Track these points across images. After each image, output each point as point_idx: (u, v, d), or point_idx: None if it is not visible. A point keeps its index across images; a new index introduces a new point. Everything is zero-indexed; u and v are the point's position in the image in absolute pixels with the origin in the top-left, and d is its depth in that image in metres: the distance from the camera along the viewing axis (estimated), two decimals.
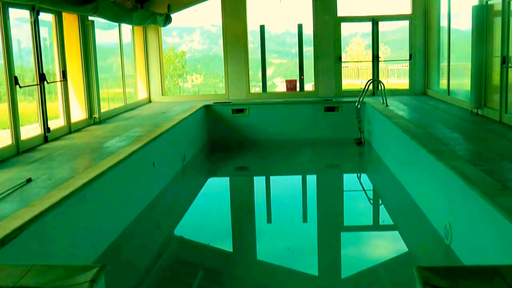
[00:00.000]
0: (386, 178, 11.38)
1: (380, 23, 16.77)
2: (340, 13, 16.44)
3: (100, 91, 12.60)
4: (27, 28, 9.82)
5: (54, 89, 10.95)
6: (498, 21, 10.80)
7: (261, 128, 15.53)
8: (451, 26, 13.98)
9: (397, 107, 13.53)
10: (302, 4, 16.76)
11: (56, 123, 10.94)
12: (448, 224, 6.94)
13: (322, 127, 15.40)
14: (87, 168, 7.56)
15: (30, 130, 10.13)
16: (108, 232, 7.64)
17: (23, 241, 5.11)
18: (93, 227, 7.06)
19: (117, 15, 12.65)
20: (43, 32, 10.39)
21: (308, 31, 16.87)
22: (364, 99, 14.49)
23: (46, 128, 10.06)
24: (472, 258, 6.16)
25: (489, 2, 11.23)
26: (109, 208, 7.71)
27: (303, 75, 17.07)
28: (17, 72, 9.09)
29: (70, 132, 11.14)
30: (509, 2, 10.23)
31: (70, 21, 11.61)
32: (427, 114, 12.36)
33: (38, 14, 9.85)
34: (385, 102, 14.00)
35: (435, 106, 13.47)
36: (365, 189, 11.52)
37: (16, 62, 9.16)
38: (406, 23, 16.72)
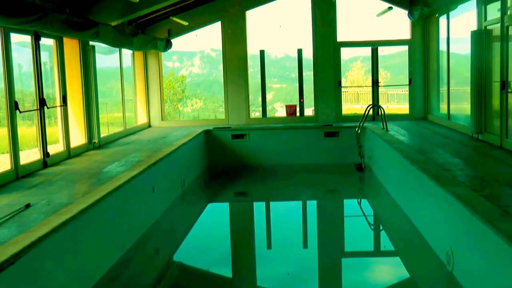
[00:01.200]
0: (386, 204, 11.33)
1: (380, 48, 16.85)
2: (340, 38, 16.51)
3: (100, 116, 12.61)
4: (28, 52, 9.85)
5: (54, 113, 10.94)
6: (497, 46, 10.84)
7: (261, 153, 15.52)
8: (450, 51, 14.03)
9: (397, 132, 13.53)
10: (302, 29, 16.86)
11: (56, 147, 10.92)
12: (450, 250, 6.88)
13: (322, 153, 15.38)
14: (86, 194, 7.51)
15: (30, 155, 10.11)
16: (107, 257, 7.57)
17: (21, 267, 5.05)
18: (92, 252, 7.00)
19: (118, 40, 12.71)
20: (44, 56, 10.42)
21: (308, 55, 16.94)
22: (364, 124, 14.49)
23: (46, 153, 10.04)
24: (475, 285, 6.10)
25: (488, 27, 11.28)
26: (108, 233, 7.65)
27: (302, 99, 17.08)
28: (17, 96, 9.09)
29: (69, 157, 11.11)
30: (507, 28, 10.28)
31: (71, 46, 11.66)
32: (428, 139, 12.35)
33: (39, 39, 9.89)
34: (385, 127, 14.00)
35: (435, 131, 13.47)
36: (366, 214, 11.46)
37: (16, 86, 9.16)
38: (405, 47, 16.79)
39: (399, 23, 16.76)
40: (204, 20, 16.73)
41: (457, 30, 13.67)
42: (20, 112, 9.14)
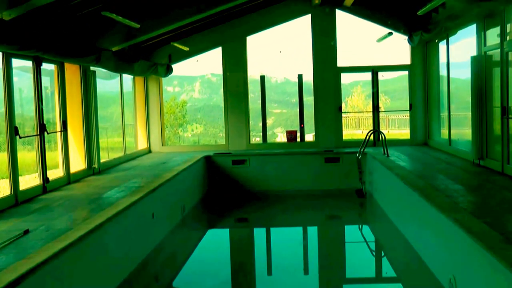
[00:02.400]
0: (388, 230, 11.26)
1: (380, 73, 16.91)
2: (340, 63, 16.56)
3: (100, 140, 12.60)
4: (29, 77, 9.87)
5: (54, 138, 10.93)
6: (497, 72, 10.85)
7: (261, 179, 15.48)
8: (451, 76, 14.05)
9: (398, 157, 13.50)
10: (302, 54, 16.94)
11: (55, 173, 10.89)
12: (453, 278, 6.81)
13: (323, 178, 15.33)
14: (85, 220, 7.47)
15: (29, 180, 10.08)
16: (106, 284, 7.50)
17: None
18: (91, 279, 6.92)
19: (119, 66, 12.74)
20: (45, 81, 10.43)
21: (308, 78, 16.99)
22: (365, 150, 14.47)
23: (45, 179, 10.00)
24: None
25: (488, 53, 11.30)
26: (107, 260, 7.58)
27: (303, 124, 17.08)
28: (17, 121, 9.08)
29: (69, 183, 11.07)
30: (507, 53, 10.30)
31: (72, 71, 11.69)
32: (429, 165, 12.31)
33: (40, 64, 9.91)
34: (386, 152, 13.97)
35: (436, 157, 13.43)
36: (367, 240, 11.39)
37: (17, 111, 9.15)
38: (406, 72, 16.84)
39: (399, 48, 16.85)
40: (205, 45, 16.82)
41: (457, 55, 13.71)
42: (20, 137, 9.12)
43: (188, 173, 13.15)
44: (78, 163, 11.92)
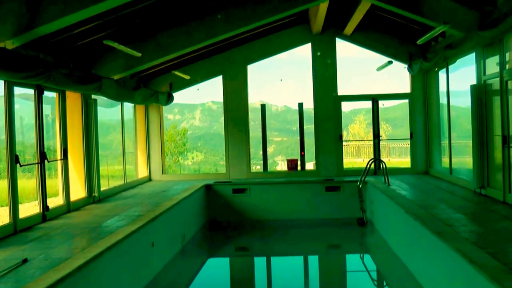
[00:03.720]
0: (389, 259, 11.17)
1: (381, 101, 16.94)
2: (340, 91, 16.62)
3: (100, 168, 12.59)
4: (30, 105, 9.90)
5: (54, 165, 10.92)
6: (497, 100, 10.87)
7: (262, 208, 15.41)
8: (451, 104, 14.08)
9: (399, 186, 13.46)
10: (303, 83, 16.99)
11: (55, 201, 10.86)
12: None
13: (324, 207, 15.26)
14: (84, 248, 7.41)
15: (29, 208, 10.04)
16: None
17: None
18: None
19: (120, 94, 12.78)
20: (46, 109, 10.46)
21: (309, 106, 17.02)
22: (365, 179, 14.44)
23: (45, 207, 9.96)
24: None
25: (487, 81, 11.34)
26: None
27: (303, 152, 17.08)
28: (18, 148, 9.08)
29: (69, 211, 11.04)
30: (507, 82, 10.33)
31: (73, 99, 11.73)
32: (430, 193, 12.27)
33: (42, 92, 9.94)
34: (387, 181, 13.94)
35: (437, 186, 13.39)
36: (369, 269, 11.29)
37: (18, 138, 9.16)
38: (406, 100, 16.87)
39: (399, 76, 16.93)
40: (205, 74, 16.90)
41: (457, 84, 13.76)
42: (21, 165, 9.10)
43: (188, 201, 13.10)
44: (78, 191, 11.89)
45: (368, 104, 17.03)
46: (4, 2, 7.92)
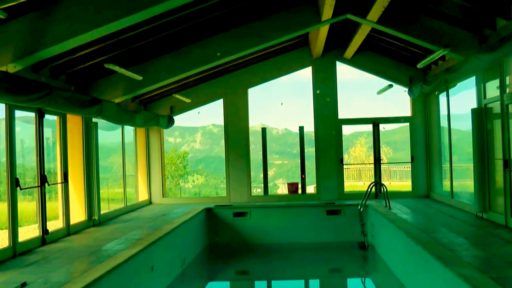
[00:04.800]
0: (391, 283, 11.08)
1: (381, 125, 16.96)
2: (341, 115, 16.64)
3: (101, 191, 12.56)
4: (31, 128, 9.90)
5: (55, 188, 10.90)
6: (498, 124, 10.86)
7: (262, 231, 15.33)
8: (452, 127, 14.08)
9: (400, 210, 13.41)
10: (303, 106, 17.00)
11: (55, 224, 10.82)
12: None
13: (325, 231, 15.19)
14: (84, 272, 7.36)
15: (28, 231, 10.00)
16: None
17: None
18: None
19: (121, 117, 12.77)
20: (47, 131, 10.46)
21: (310, 129, 17.03)
22: (367, 202, 14.38)
23: (45, 230, 9.92)
24: None
25: (488, 105, 11.34)
26: None
27: (304, 175, 17.05)
28: (18, 171, 9.08)
29: (68, 234, 10.99)
30: (507, 106, 10.34)
31: (74, 122, 11.74)
32: (431, 217, 12.21)
33: (43, 116, 9.95)
34: (388, 205, 13.89)
35: (438, 209, 13.34)
36: None
37: (18, 160, 9.16)
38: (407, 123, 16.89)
39: (400, 100, 16.96)
40: (206, 97, 16.95)
41: (458, 107, 13.78)
42: (21, 189, 9.08)
43: (188, 225, 13.04)
44: (78, 215, 11.85)
45: (369, 127, 17.04)
46: (7, 27, 7.97)
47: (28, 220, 10.43)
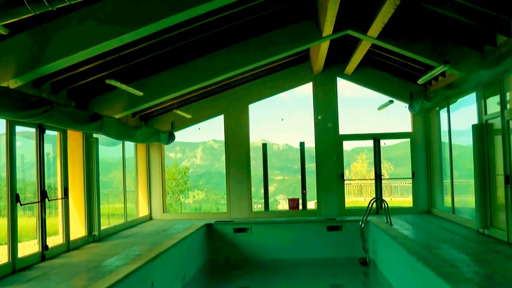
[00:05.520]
0: None
1: (382, 141, 16.96)
2: (342, 131, 16.63)
3: (101, 206, 12.52)
4: (32, 143, 9.90)
5: (55, 204, 10.88)
6: (498, 140, 10.85)
7: (263, 247, 15.27)
8: (453, 143, 14.06)
9: (401, 226, 13.36)
10: (304, 122, 17.00)
11: (55, 239, 10.78)
12: None
13: (326, 247, 15.13)
14: None
15: (28, 247, 9.96)
16: None
17: None
18: None
19: (121, 133, 12.76)
20: (47, 147, 10.45)
21: (311, 145, 17.03)
22: (367, 218, 14.33)
23: (44, 246, 9.88)
24: None
25: (489, 121, 11.34)
26: None
27: (305, 190, 17.02)
28: (18, 186, 9.07)
29: (68, 250, 10.94)
30: (508, 121, 10.33)
31: (75, 137, 11.73)
32: (433, 233, 12.16)
33: (43, 131, 9.95)
34: (389, 221, 13.84)
35: (440, 225, 13.30)
36: None
37: (18, 175, 9.16)
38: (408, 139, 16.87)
39: (401, 115, 16.96)
40: (207, 113, 16.98)
41: (458, 123, 13.78)
42: (21, 204, 9.06)
43: (189, 241, 12.99)
44: (78, 230, 11.81)
45: (370, 143, 17.03)
46: (8, 43, 8.00)
47: (27, 235, 10.39)
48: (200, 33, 11.00)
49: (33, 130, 9.88)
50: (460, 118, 13.70)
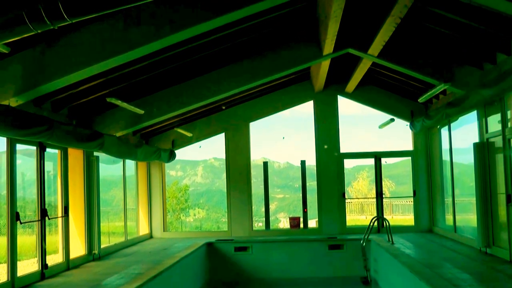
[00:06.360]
0: None
1: (383, 159, 16.94)
2: (343, 149, 16.61)
3: (101, 224, 12.47)
4: (32, 161, 9.90)
5: (55, 222, 10.83)
6: (500, 158, 10.83)
7: (264, 266, 15.18)
8: (454, 161, 14.03)
9: (403, 244, 13.29)
10: (305, 141, 16.98)
11: (55, 258, 10.73)
12: None
13: (327, 266, 15.04)
14: None
15: (27, 266, 9.91)
16: None
17: None
18: None
19: (122, 151, 12.73)
20: (48, 165, 10.44)
21: (312, 163, 17.02)
22: (369, 237, 14.26)
23: (44, 265, 9.82)
24: None
25: (490, 139, 11.32)
26: None
27: (306, 209, 16.97)
28: (19, 204, 9.04)
29: (68, 269, 10.88)
30: (509, 140, 10.31)
31: (75, 156, 11.72)
32: (434, 252, 12.10)
33: (44, 149, 9.94)
34: (390, 239, 13.77)
35: (442, 244, 13.22)
36: None
37: (19, 193, 9.13)
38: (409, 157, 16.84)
39: (402, 134, 16.96)
40: (208, 131, 16.98)
41: (460, 141, 13.76)
42: (21, 223, 9.02)
43: (189, 260, 12.91)
44: (78, 249, 11.75)
45: (371, 161, 17.01)
46: (9, 61, 8.01)
47: (27, 254, 10.35)
48: (201, 52, 11.02)
49: (33, 148, 9.88)
50: (461, 136, 13.69)
